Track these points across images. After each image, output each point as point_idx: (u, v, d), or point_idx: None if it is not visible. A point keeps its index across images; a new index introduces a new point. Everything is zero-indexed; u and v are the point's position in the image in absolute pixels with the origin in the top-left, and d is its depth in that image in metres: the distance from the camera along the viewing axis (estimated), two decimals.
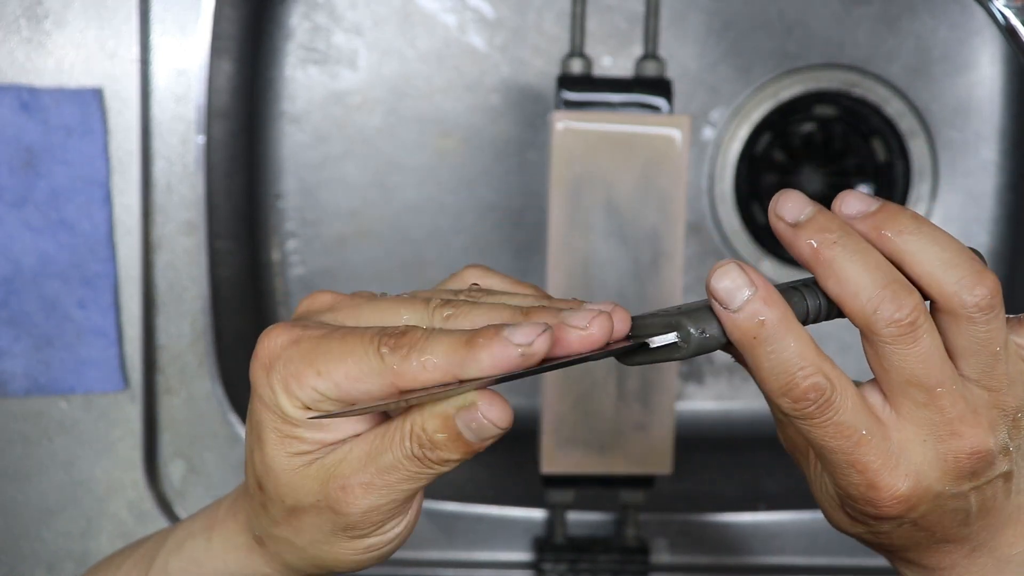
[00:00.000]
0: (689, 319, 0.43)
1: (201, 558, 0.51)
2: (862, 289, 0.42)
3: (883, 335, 0.42)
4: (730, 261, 0.42)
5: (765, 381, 0.42)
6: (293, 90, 0.96)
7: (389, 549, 0.47)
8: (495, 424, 0.42)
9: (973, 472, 0.44)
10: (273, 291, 0.98)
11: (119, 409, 0.82)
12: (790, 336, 0.42)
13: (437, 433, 0.42)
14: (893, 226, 0.43)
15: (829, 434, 0.43)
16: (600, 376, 0.81)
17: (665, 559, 0.89)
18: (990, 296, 0.42)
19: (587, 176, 0.78)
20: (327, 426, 0.44)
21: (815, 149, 1.00)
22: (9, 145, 0.78)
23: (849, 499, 0.45)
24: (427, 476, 0.43)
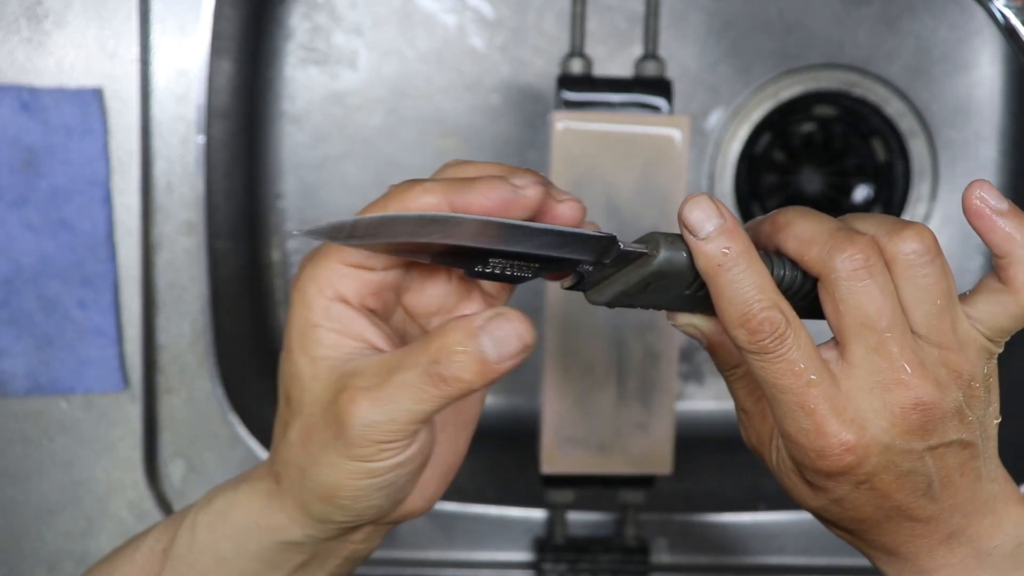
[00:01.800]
0: (663, 236, 0.46)
1: (227, 509, 0.51)
2: (817, 236, 0.45)
3: (839, 271, 0.45)
4: (702, 194, 0.45)
5: (725, 311, 0.45)
6: (293, 90, 0.96)
7: (389, 481, 0.46)
8: (519, 336, 0.43)
9: (922, 428, 0.45)
10: (273, 291, 0.98)
11: (119, 409, 0.82)
12: (751, 269, 0.45)
13: (458, 346, 0.43)
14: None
15: (781, 371, 0.45)
16: (600, 376, 0.81)
17: (665, 559, 0.89)
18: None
19: (587, 176, 0.78)
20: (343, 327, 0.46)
21: (815, 149, 1.00)
22: (9, 145, 0.78)
23: (800, 452, 0.46)
24: (434, 399, 0.44)
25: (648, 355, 0.81)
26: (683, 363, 1.01)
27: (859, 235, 0.45)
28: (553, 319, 0.79)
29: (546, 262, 0.45)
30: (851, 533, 0.50)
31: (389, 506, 0.48)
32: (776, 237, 0.47)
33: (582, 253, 0.45)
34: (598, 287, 0.47)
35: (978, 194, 0.47)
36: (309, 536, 0.50)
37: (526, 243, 0.44)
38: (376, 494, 0.47)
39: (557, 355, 0.80)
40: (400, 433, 0.45)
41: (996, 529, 0.49)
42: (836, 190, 1.01)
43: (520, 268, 0.45)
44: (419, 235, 0.42)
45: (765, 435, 0.50)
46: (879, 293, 0.45)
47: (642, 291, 0.46)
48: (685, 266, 0.46)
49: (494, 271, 0.45)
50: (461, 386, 0.44)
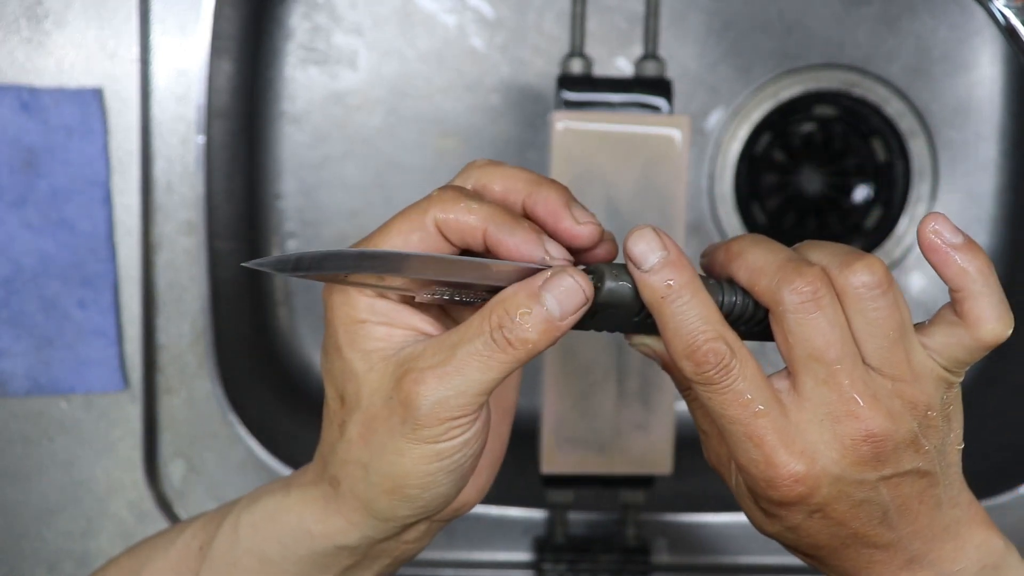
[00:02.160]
0: (608, 268, 0.46)
1: (276, 512, 0.51)
2: (767, 267, 0.46)
3: (787, 303, 0.45)
4: (647, 226, 0.46)
5: (670, 343, 0.45)
6: (293, 90, 0.96)
7: (458, 463, 0.47)
8: (581, 289, 0.44)
9: (875, 458, 0.45)
10: (273, 291, 0.98)
11: (119, 409, 0.82)
12: (695, 300, 0.45)
13: (522, 308, 0.44)
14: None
15: (728, 402, 0.45)
16: (600, 376, 0.81)
17: (665, 559, 0.89)
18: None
19: (587, 176, 0.78)
20: (390, 319, 0.46)
21: (815, 149, 1.00)
22: (9, 145, 0.78)
23: (751, 480, 0.46)
24: (502, 365, 0.44)
25: None
26: None
27: (808, 267, 0.45)
28: None
29: (494, 291, 0.46)
30: (811, 558, 0.50)
31: (454, 493, 0.48)
32: (729, 266, 0.47)
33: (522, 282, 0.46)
34: None
35: (932, 227, 0.48)
36: (366, 538, 0.50)
37: (468, 275, 0.45)
38: (444, 479, 0.47)
39: (557, 355, 0.80)
40: (469, 407, 0.45)
41: (959, 553, 0.49)
42: (836, 190, 1.01)
43: (470, 295, 0.46)
44: (361, 269, 0.44)
45: (724, 457, 0.49)
46: (827, 325, 0.45)
47: (589, 318, 0.47)
48: (630, 297, 0.46)
49: (443, 296, 0.46)
50: (528, 348, 0.44)
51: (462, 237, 0.46)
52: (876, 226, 1.01)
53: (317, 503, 0.50)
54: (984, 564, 0.49)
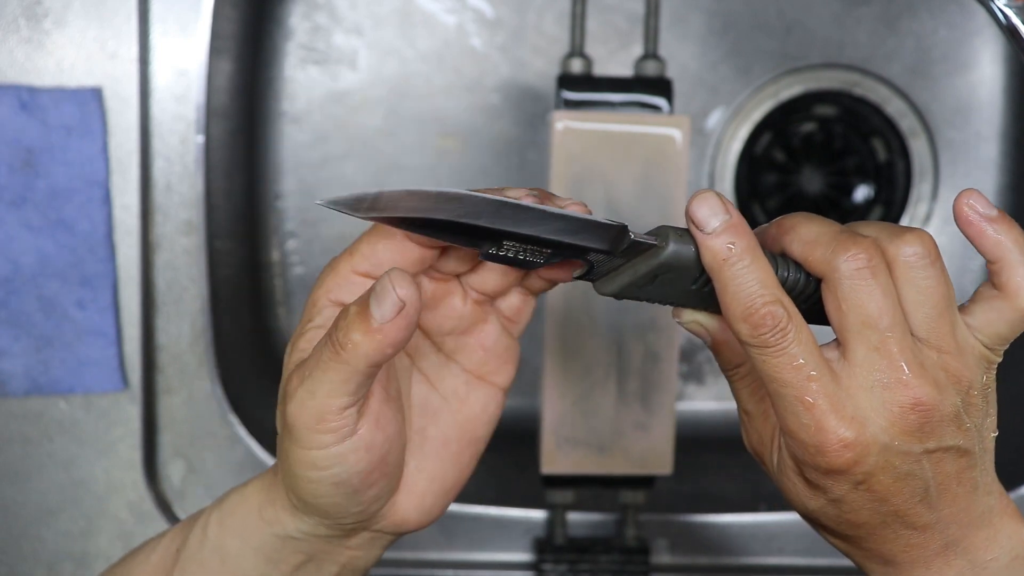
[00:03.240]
0: (673, 230, 0.47)
1: (236, 505, 0.52)
2: (821, 238, 0.46)
3: (843, 271, 0.45)
4: (710, 190, 0.46)
5: (728, 305, 0.46)
6: (293, 90, 0.96)
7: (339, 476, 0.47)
8: (395, 286, 0.43)
9: (920, 429, 0.46)
10: (273, 291, 0.98)
11: (119, 409, 0.82)
12: (755, 265, 0.46)
13: (352, 307, 0.44)
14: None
15: (782, 365, 0.45)
16: (600, 376, 0.80)
17: (666, 560, 0.89)
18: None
19: (587, 176, 0.78)
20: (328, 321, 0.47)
21: (815, 149, 1.00)
22: (8, 145, 0.78)
23: (800, 448, 0.46)
24: (339, 371, 0.44)
25: (648, 355, 0.81)
26: (683, 363, 1.00)
27: (862, 237, 0.46)
28: (553, 319, 0.79)
29: (558, 248, 0.46)
30: (847, 540, 0.50)
31: (354, 505, 0.49)
32: (782, 240, 0.48)
33: (594, 241, 0.46)
34: (606, 277, 0.48)
35: (968, 201, 0.48)
36: (302, 531, 0.50)
37: (541, 227, 0.45)
38: (331, 491, 0.48)
39: (557, 355, 0.80)
40: (324, 411, 0.46)
41: (991, 542, 0.49)
42: (836, 190, 1.00)
43: (533, 253, 0.46)
44: (439, 212, 0.43)
45: (767, 436, 0.50)
46: (880, 293, 0.45)
47: (649, 283, 0.47)
48: (692, 260, 0.47)
49: (507, 254, 0.45)
50: (355, 350, 0.44)
51: None
52: None
53: (264, 491, 0.51)
54: (1016, 555, 0.50)
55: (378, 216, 0.43)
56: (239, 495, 0.53)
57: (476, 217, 0.43)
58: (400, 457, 0.50)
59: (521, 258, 0.46)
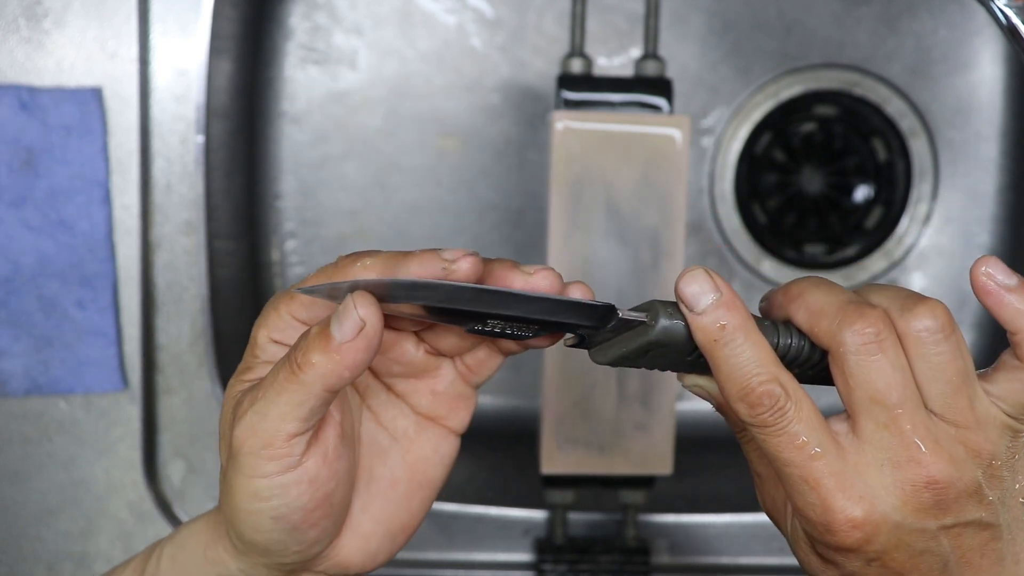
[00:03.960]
0: (663, 306, 0.45)
1: (184, 540, 0.52)
2: (828, 308, 0.45)
3: (848, 345, 0.44)
4: (699, 267, 0.45)
5: (724, 385, 0.45)
6: (293, 90, 0.96)
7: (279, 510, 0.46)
8: (357, 308, 0.43)
9: (935, 507, 0.44)
10: (273, 291, 0.98)
11: (119, 409, 0.82)
12: (748, 342, 0.44)
13: (314, 329, 0.44)
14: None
15: (783, 444, 0.44)
16: (601, 376, 0.80)
17: (666, 560, 0.89)
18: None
19: (587, 176, 0.78)
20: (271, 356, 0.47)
21: (815, 149, 1.00)
22: (8, 145, 0.78)
23: (808, 525, 0.45)
24: (297, 390, 0.44)
25: None
26: None
27: (871, 308, 0.45)
28: None
29: (544, 325, 0.45)
30: None
31: (293, 543, 0.47)
32: (788, 307, 0.47)
33: (580, 319, 0.45)
34: (600, 347, 0.47)
35: (984, 270, 0.46)
36: (243, 572, 0.50)
37: (522, 309, 0.44)
38: (271, 524, 0.46)
39: (557, 355, 0.80)
40: (273, 436, 0.45)
41: None
42: (836, 190, 1.00)
43: (520, 328, 0.45)
44: (415, 299, 0.43)
45: (780, 501, 0.49)
46: (890, 368, 0.44)
47: (642, 356, 0.46)
48: (683, 336, 0.45)
49: (493, 330, 0.45)
50: (312, 372, 0.43)
51: None
52: (877, 226, 1.01)
53: (209, 529, 0.51)
54: None
55: None
56: (189, 530, 0.52)
57: (455, 302, 0.43)
58: (347, 497, 0.49)
59: (508, 332, 0.45)
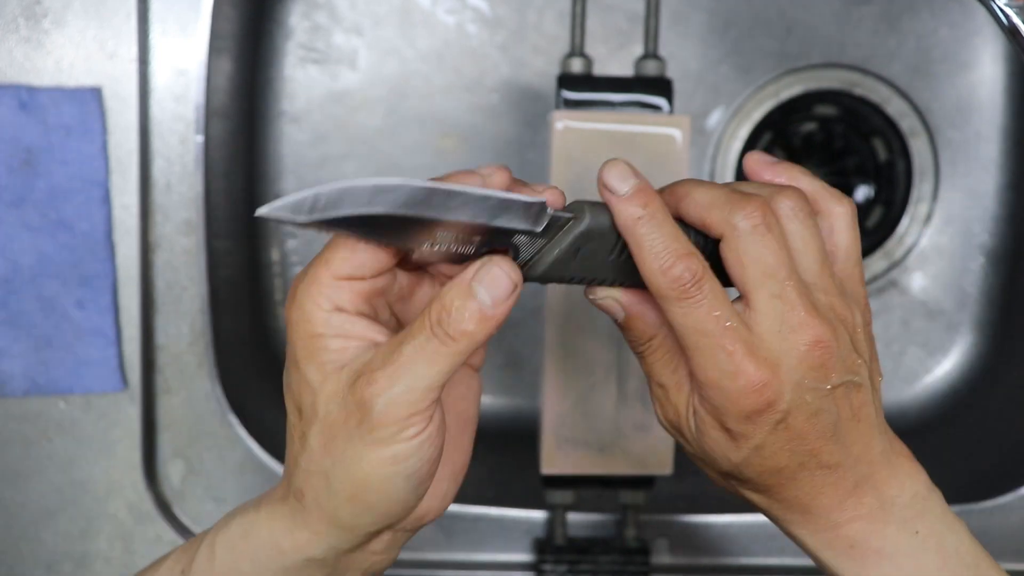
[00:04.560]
0: (586, 202, 0.50)
1: (248, 530, 0.52)
2: (716, 200, 0.50)
3: (741, 228, 0.49)
4: (619, 159, 0.50)
5: (646, 262, 0.49)
6: (293, 90, 0.96)
7: (414, 467, 0.48)
8: (507, 275, 0.47)
9: (823, 366, 0.49)
10: (272, 291, 0.98)
11: (118, 409, 0.82)
12: (666, 222, 0.49)
13: (456, 300, 0.46)
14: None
15: (702, 316, 0.48)
16: (601, 376, 0.80)
17: (666, 560, 0.89)
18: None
19: (587, 176, 0.78)
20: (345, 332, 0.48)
21: (816, 149, 1.00)
22: (7, 145, 0.78)
23: (721, 397, 0.49)
24: (446, 359, 0.46)
25: None
26: None
27: (754, 195, 0.50)
28: (553, 319, 0.79)
29: (486, 235, 0.48)
30: (768, 492, 0.53)
31: (414, 500, 0.50)
32: (676, 206, 0.51)
33: (517, 221, 0.49)
34: (532, 262, 0.50)
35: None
36: (333, 548, 0.51)
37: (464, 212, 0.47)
38: (403, 485, 0.48)
39: (557, 355, 0.80)
40: (420, 403, 0.47)
41: (893, 480, 0.52)
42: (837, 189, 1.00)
43: (464, 244, 0.48)
44: (376, 205, 0.45)
45: (682, 405, 0.52)
46: (776, 245, 0.49)
47: (572, 257, 0.50)
48: (608, 228, 0.50)
49: (439, 247, 0.47)
50: (467, 339, 0.46)
51: None
52: (877, 225, 1.01)
53: (285, 518, 0.51)
54: (915, 492, 0.53)
55: (320, 219, 0.44)
56: (249, 520, 0.52)
57: (410, 207, 0.45)
58: None
59: (454, 250, 0.48)
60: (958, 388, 1.01)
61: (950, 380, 1.02)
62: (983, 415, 0.98)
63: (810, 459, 0.51)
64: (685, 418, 0.52)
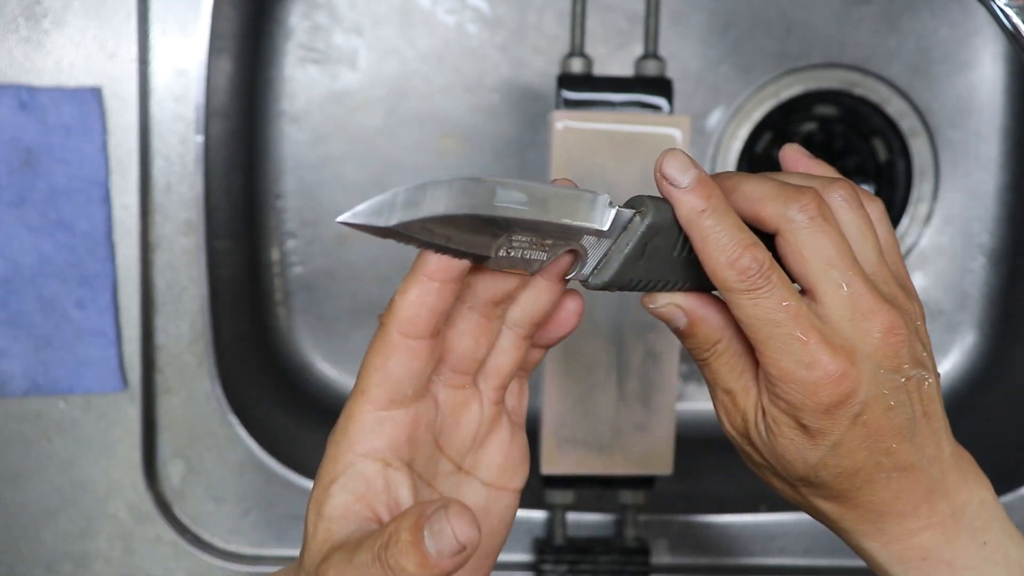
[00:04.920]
0: (647, 197, 0.48)
1: None
2: (768, 193, 0.48)
3: (798, 221, 0.48)
4: (677, 149, 0.48)
5: (712, 255, 0.47)
6: (293, 90, 0.96)
7: None
8: (456, 534, 0.40)
9: (897, 353, 0.48)
10: (273, 291, 0.98)
11: (118, 409, 0.82)
12: (729, 213, 0.47)
13: (404, 532, 0.41)
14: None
15: (772, 306, 0.47)
16: (600, 376, 0.80)
17: (666, 560, 0.89)
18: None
19: (587, 176, 0.78)
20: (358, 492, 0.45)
21: (816, 149, 1.00)
22: (8, 145, 0.78)
23: (799, 387, 0.47)
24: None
25: (648, 355, 0.81)
26: (683, 363, 1.00)
27: (807, 187, 0.49)
28: None
29: (557, 237, 0.46)
30: (842, 498, 0.51)
31: None
32: (731, 196, 0.49)
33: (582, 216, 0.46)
34: (598, 269, 0.48)
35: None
36: None
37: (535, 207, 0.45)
38: None
39: (557, 355, 0.80)
40: None
41: (963, 485, 0.51)
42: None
43: (536, 249, 0.46)
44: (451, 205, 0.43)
45: (750, 410, 0.51)
46: (837, 235, 0.48)
47: (640, 257, 0.48)
48: (671, 223, 0.48)
49: (514, 254, 0.45)
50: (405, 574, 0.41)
51: None
52: None
53: None
54: (982, 498, 0.52)
55: (401, 221, 0.42)
56: None
57: (485, 207, 0.44)
58: None
59: (527, 257, 0.46)
60: (958, 388, 1.01)
61: (950, 380, 1.02)
62: (983, 415, 0.98)
63: (886, 458, 0.49)
64: (754, 423, 0.50)
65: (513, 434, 0.51)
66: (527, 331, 0.49)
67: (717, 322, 0.50)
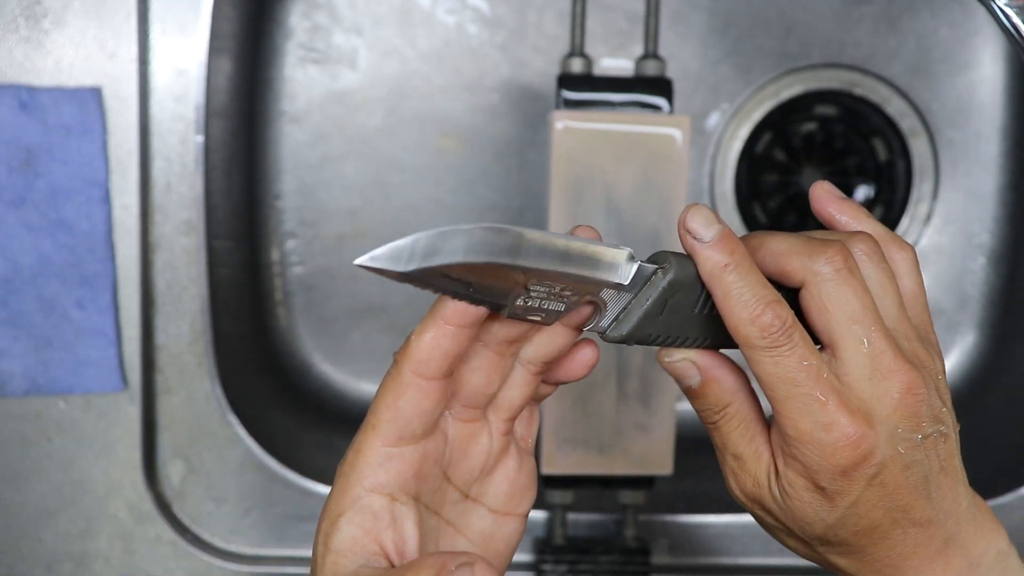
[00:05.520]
0: (669, 252, 0.48)
1: None
2: (793, 247, 0.48)
3: (823, 274, 0.47)
4: (700, 204, 0.47)
5: (733, 311, 0.46)
6: (293, 90, 0.96)
7: None
8: None
9: (916, 413, 0.47)
10: (272, 291, 0.98)
11: (118, 409, 0.82)
12: (753, 270, 0.47)
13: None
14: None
15: (793, 365, 0.46)
16: (601, 376, 0.80)
17: (666, 560, 0.89)
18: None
19: (587, 176, 0.78)
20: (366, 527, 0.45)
21: (816, 149, 1.00)
22: (8, 145, 0.78)
23: (817, 449, 0.47)
24: None
25: (648, 355, 0.81)
26: None
27: (832, 241, 0.48)
28: None
29: (575, 288, 0.46)
30: (859, 554, 0.50)
31: None
32: (752, 257, 0.49)
33: (603, 270, 0.46)
34: (617, 320, 0.48)
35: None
36: None
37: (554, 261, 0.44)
38: None
39: None
40: None
41: (979, 538, 0.51)
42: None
43: (554, 299, 0.46)
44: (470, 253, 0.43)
45: (762, 475, 0.50)
46: (861, 289, 0.47)
47: (659, 312, 0.47)
48: (693, 278, 0.47)
49: (532, 304, 0.45)
50: None
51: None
52: None
53: None
54: (999, 549, 0.51)
55: (420, 268, 0.42)
56: None
57: (506, 255, 0.43)
58: None
59: (545, 307, 0.46)
60: (958, 388, 1.01)
61: (950, 380, 1.02)
62: (983, 415, 0.98)
63: (902, 515, 0.49)
64: (767, 487, 0.50)
65: (521, 461, 0.51)
66: (539, 369, 0.49)
67: (730, 384, 0.50)
